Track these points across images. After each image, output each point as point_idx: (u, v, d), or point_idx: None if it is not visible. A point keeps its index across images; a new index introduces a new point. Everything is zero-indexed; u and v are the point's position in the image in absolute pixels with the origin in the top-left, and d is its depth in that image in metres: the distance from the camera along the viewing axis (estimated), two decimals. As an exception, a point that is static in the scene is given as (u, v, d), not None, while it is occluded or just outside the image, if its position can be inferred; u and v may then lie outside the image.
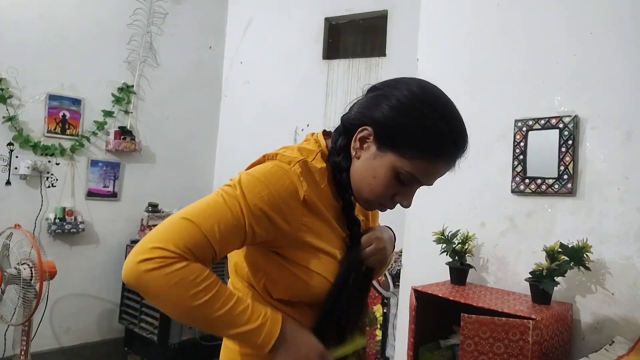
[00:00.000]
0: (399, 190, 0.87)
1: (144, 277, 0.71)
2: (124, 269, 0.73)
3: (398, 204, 0.91)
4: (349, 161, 0.87)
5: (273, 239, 0.81)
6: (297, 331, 0.81)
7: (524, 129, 1.80)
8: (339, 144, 0.88)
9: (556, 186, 1.71)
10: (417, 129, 0.80)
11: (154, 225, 3.48)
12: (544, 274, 1.55)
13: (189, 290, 0.72)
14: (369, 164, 0.84)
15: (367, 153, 0.85)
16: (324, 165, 0.87)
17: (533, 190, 1.76)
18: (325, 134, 0.94)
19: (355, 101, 0.91)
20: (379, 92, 0.85)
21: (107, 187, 3.27)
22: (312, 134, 0.94)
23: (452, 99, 0.86)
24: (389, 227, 1.04)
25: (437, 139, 0.82)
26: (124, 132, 3.27)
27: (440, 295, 1.66)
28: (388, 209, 0.92)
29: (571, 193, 1.68)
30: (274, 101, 3.45)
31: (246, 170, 0.84)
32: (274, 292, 0.86)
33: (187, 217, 0.75)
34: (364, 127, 0.84)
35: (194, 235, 0.74)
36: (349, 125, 0.87)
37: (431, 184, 0.89)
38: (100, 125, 3.19)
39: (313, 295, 0.85)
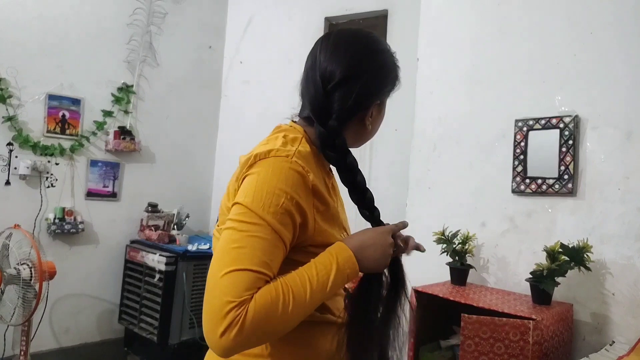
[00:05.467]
0: None
1: (239, 341, 0.69)
2: (216, 351, 0.71)
3: None
4: (345, 144, 0.90)
5: (297, 239, 0.81)
6: (359, 238, 0.86)
7: (525, 128, 1.80)
8: (343, 140, 0.89)
9: (557, 186, 1.71)
10: (393, 66, 0.96)
11: (154, 226, 3.47)
12: (545, 274, 1.55)
13: (278, 308, 0.72)
14: (377, 119, 0.97)
15: (375, 116, 0.95)
16: (310, 148, 0.88)
17: (533, 190, 1.76)
18: (294, 121, 0.95)
19: (327, 97, 0.89)
20: (357, 79, 0.89)
21: (107, 187, 3.27)
22: (280, 125, 0.94)
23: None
24: None
25: (394, 57, 0.98)
26: (124, 132, 3.26)
27: (440, 295, 1.65)
28: None
29: (572, 193, 1.68)
30: (274, 101, 3.44)
31: (243, 174, 0.81)
32: None
33: (231, 269, 0.72)
34: (372, 105, 0.92)
35: (248, 280, 0.71)
36: (349, 115, 0.90)
37: None
38: (100, 125, 3.19)
39: None
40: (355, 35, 0.94)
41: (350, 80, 0.88)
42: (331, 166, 0.95)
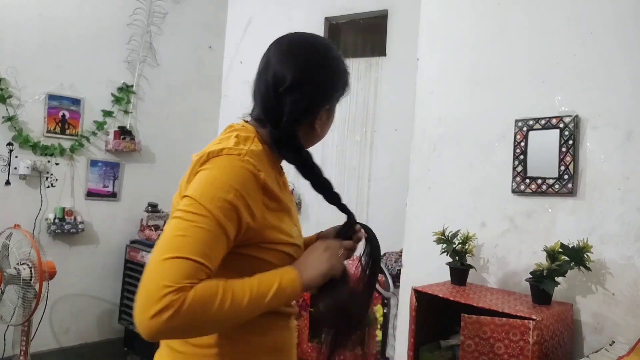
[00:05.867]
0: None
1: (170, 326, 0.70)
2: (143, 330, 0.71)
3: None
4: (300, 143, 0.94)
5: (244, 235, 0.83)
6: (304, 259, 0.90)
7: (525, 128, 1.80)
8: (296, 140, 0.92)
9: (557, 186, 1.71)
10: (344, 74, 0.99)
11: (154, 226, 3.48)
12: (545, 274, 1.55)
13: (214, 304, 0.73)
14: (327, 122, 1.00)
15: (324, 119, 0.98)
16: (262, 147, 0.90)
17: (533, 190, 1.76)
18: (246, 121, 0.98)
19: (278, 99, 0.91)
20: (308, 84, 0.91)
21: (107, 187, 3.27)
22: (232, 125, 0.97)
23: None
24: None
25: (346, 65, 1.01)
26: (124, 132, 3.26)
27: (440, 295, 1.65)
28: None
29: (572, 193, 1.68)
30: (273, 101, 3.44)
31: (195, 171, 0.84)
32: None
33: (172, 255, 0.73)
34: (322, 110, 0.95)
35: (187, 268, 0.73)
36: (300, 118, 0.92)
37: None
38: (100, 125, 3.19)
39: None
40: (307, 41, 0.97)
41: (301, 84, 0.91)
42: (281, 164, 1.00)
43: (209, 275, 0.76)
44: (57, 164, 3.04)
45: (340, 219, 1.01)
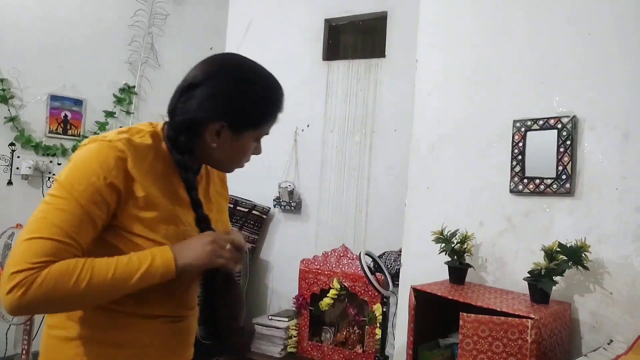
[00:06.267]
0: (255, 147, 1.00)
1: (23, 302, 0.75)
2: (3, 305, 0.77)
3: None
4: (194, 154, 0.94)
5: (114, 218, 0.85)
6: (185, 243, 0.89)
7: (523, 129, 1.81)
8: (181, 142, 0.93)
9: (554, 186, 1.72)
10: (260, 104, 0.94)
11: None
12: (543, 273, 1.56)
13: (70, 280, 0.76)
14: (230, 146, 0.94)
15: (224, 139, 0.93)
16: (151, 142, 0.92)
17: (531, 190, 1.77)
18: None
19: (179, 97, 0.96)
20: (205, 88, 0.92)
21: (108, 187, 3.28)
22: (147, 122, 1.00)
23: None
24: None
25: (273, 100, 0.96)
26: (125, 133, 3.28)
27: (439, 294, 1.66)
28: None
29: (569, 193, 1.69)
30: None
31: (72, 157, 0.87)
32: None
33: (30, 237, 0.77)
34: (214, 122, 0.91)
35: (44, 247, 0.77)
36: (190, 124, 0.93)
37: None
38: (102, 126, 3.20)
39: None
40: (235, 59, 0.96)
41: (201, 85, 0.92)
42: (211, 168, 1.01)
43: (75, 254, 0.79)
44: (59, 164, 3.05)
45: (339, 218, 1.01)
